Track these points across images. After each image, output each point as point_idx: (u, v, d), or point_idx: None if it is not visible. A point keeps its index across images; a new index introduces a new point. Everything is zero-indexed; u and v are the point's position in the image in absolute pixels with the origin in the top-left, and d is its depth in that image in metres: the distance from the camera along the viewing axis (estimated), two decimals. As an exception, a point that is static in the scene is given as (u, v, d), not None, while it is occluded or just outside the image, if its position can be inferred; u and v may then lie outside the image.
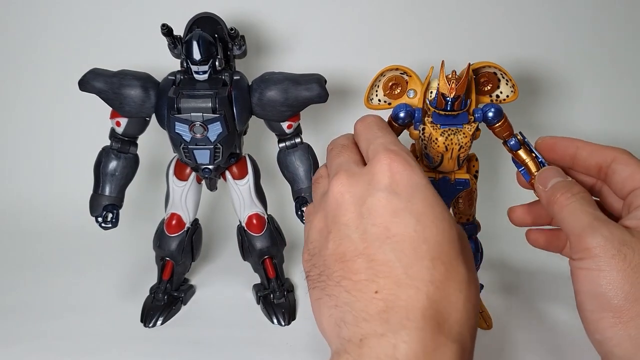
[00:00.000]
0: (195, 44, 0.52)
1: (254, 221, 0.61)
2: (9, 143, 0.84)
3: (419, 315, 0.31)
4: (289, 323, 0.61)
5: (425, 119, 0.50)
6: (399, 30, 0.78)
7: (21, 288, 0.67)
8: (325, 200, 0.37)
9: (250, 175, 0.61)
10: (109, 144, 0.59)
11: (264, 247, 0.62)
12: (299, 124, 0.59)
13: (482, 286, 0.62)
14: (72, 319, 0.61)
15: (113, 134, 0.59)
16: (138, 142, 0.60)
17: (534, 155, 0.51)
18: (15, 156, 0.85)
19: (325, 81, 0.56)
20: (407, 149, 0.39)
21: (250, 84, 0.56)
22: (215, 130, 0.53)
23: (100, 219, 0.59)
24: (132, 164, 0.60)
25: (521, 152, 0.52)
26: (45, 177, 0.84)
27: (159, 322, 0.61)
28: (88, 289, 0.66)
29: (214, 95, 0.53)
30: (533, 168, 0.51)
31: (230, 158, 0.58)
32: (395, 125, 0.52)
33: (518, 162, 0.52)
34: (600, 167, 0.45)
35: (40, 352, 0.56)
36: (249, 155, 0.62)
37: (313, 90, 0.55)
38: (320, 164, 0.60)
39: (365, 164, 0.39)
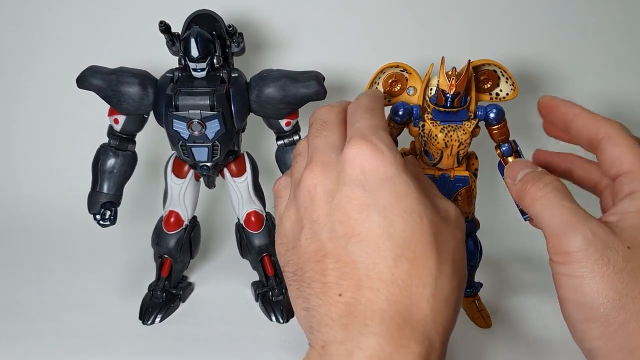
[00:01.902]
0: (193, 41, 0.52)
1: (253, 219, 0.61)
2: (7, 140, 0.84)
3: (377, 318, 0.30)
4: (287, 320, 0.61)
5: (425, 115, 0.51)
6: (398, 27, 0.78)
7: (19, 286, 0.67)
8: (298, 191, 0.36)
9: (248, 173, 0.60)
10: (107, 141, 0.59)
11: (263, 245, 0.62)
12: (297, 122, 0.59)
13: (481, 284, 0.62)
14: (70, 317, 0.61)
15: (111, 132, 0.59)
16: (136, 139, 0.60)
17: None
18: (12, 154, 0.84)
19: (324, 78, 0.55)
20: (385, 133, 0.36)
21: (248, 81, 0.56)
22: (213, 127, 0.53)
23: (98, 217, 0.58)
24: (130, 162, 0.60)
25: (511, 160, 0.53)
26: (43, 174, 0.84)
27: (157, 320, 0.61)
28: (86, 287, 0.66)
29: (212, 93, 0.52)
30: None
31: (228, 155, 0.58)
32: (394, 123, 0.52)
33: (504, 169, 0.53)
34: (591, 141, 0.41)
35: (38, 350, 0.56)
36: (247, 152, 0.61)
37: (311, 87, 0.55)
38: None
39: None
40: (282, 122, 0.58)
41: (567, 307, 0.36)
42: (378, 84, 0.52)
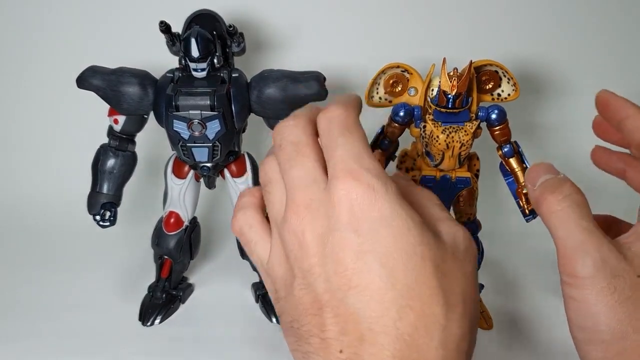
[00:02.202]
0: (193, 41, 0.52)
1: (253, 219, 0.61)
2: (7, 140, 0.84)
3: None
4: (287, 322, 0.61)
5: (427, 116, 0.50)
6: (399, 27, 0.78)
7: (19, 286, 0.67)
8: (284, 234, 0.33)
9: (249, 174, 0.60)
10: (106, 141, 0.59)
11: (263, 246, 0.62)
12: (298, 122, 0.59)
13: (482, 286, 0.62)
14: (69, 318, 0.61)
15: (111, 132, 0.59)
16: (136, 139, 0.60)
17: (524, 166, 0.52)
18: (12, 153, 0.84)
19: (325, 79, 0.55)
20: (370, 159, 0.32)
21: (249, 81, 0.56)
22: (213, 128, 0.53)
23: (98, 217, 0.58)
24: (130, 162, 0.60)
25: (512, 161, 0.53)
26: (42, 174, 0.84)
27: (157, 321, 0.61)
28: (86, 288, 0.66)
29: (213, 93, 0.52)
30: (521, 178, 0.52)
31: (229, 156, 0.58)
32: (396, 124, 0.52)
33: (507, 171, 0.53)
34: (639, 147, 0.39)
35: (38, 350, 0.56)
36: (247, 153, 0.61)
37: (312, 87, 0.54)
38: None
39: (326, 170, 0.33)
40: (283, 123, 0.57)
41: (572, 327, 0.36)
42: (379, 84, 0.52)
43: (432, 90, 0.50)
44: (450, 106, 0.48)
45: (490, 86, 0.52)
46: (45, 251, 0.74)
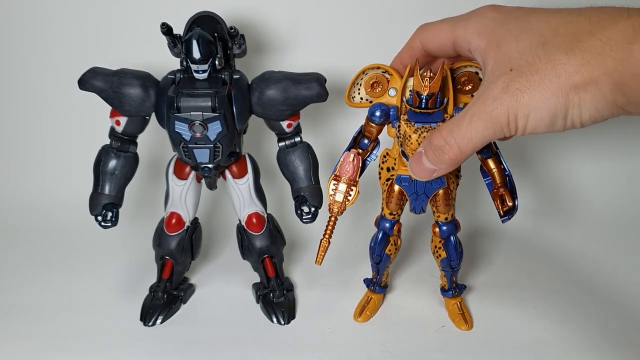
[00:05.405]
0: (195, 43, 0.52)
1: (254, 220, 0.61)
2: (8, 141, 0.84)
3: None
4: (288, 322, 0.61)
5: (401, 116, 0.51)
6: (399, 29, 0.78)
7: (20, 287, 0.67)
8: None
9: (249, 174, 0.60)
10: (108, 142, 0.59)
11: (264, 246, 0.62)
12: (299, 123, 0.59)
13: (464, 287, 0.61)
14: (71, 318, 0.61)
15: (113, 133, 0.59)
16: (138, 140, 0.60)
17: (502, 167, 0.52)
18: (14, 154, 0.85)
19: (325, 80, 0.56)
20: None
21: (250, 83, 0.56)
22: (214, 129, 0.53)
23: (99, 218, 0.58)
24: (132, 163, 0.60)
25: (490, 161, 0.53)
26: (44, 175, 0.84)
27: (158, 321, 0.61)
28: (87, 288, 0.66)
29: (214, 95, 0.53)
30: (498, 179, 0.52)
31: (230, 157, 0.58)
32: (373, 124, 0.52)
33: (485, 172, 0.53)
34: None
35: (38, 352, 0.56)
36: (248, 154, 0.62)
37: (313, 89, 0.55)
38: (320, 163, 0.60)
39: None
40: (284, 124, 0.58)
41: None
42: (360, 85, 0.53)
43: (410, 90, 0.51)
44: (423, 106, 0.49)
45: (470, 87, 0.52)
46: (46, 251, 0.75)
